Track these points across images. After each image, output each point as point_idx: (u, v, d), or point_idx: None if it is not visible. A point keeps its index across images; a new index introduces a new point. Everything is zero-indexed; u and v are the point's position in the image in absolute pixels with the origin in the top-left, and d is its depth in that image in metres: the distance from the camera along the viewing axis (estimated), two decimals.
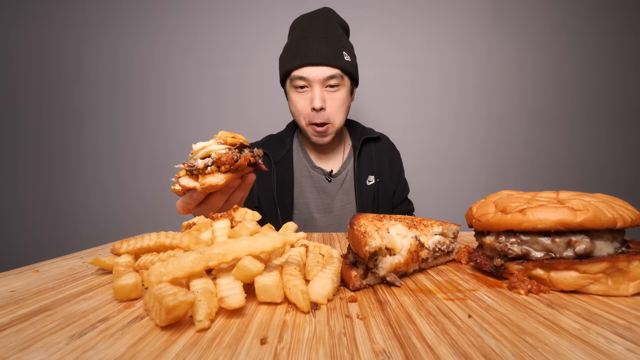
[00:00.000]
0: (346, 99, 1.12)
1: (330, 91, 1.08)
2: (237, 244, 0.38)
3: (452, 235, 0.57)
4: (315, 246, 0.55)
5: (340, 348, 0.27)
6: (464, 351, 0.26)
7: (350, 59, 1.11)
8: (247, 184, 0.71)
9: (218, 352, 0.27)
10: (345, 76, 1.10)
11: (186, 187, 0.64)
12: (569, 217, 0.40)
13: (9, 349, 0.28)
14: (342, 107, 1.11)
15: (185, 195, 0.68)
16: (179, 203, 0.69)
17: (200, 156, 0.64)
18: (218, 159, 0.62)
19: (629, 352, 0.26)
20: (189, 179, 0.64)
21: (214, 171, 0.62)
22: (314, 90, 1.07)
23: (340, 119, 1.12)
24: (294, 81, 1.08)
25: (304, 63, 1.05)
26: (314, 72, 1.05)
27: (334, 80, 1.07)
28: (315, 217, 1.19)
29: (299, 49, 1.07)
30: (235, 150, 0.64)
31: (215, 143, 0.64)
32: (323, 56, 1.05)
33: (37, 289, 0.44)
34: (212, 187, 0.62)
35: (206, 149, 0.63)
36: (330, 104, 1.09)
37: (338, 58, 1.07)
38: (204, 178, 0.62)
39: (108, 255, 0.65)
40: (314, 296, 0.37)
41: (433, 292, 0.42)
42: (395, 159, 1.30)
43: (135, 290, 0.39)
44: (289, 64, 1.08)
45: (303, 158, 1.22)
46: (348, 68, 1.09)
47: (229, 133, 0.65)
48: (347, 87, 1.12)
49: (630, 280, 0.39)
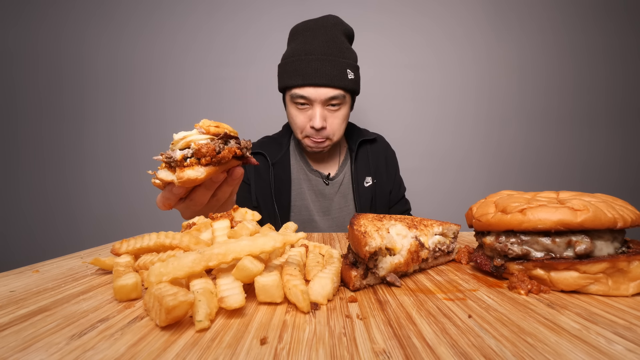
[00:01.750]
0: (347, 116, 1.11)
1: (331, 110, 1.06)
2: (237, 244, 0.38)
3: (452, 235, 0.57)
4: (315, 246, 0.55)
5: (340, 348, 0.27)
6: (464, 351, 0.26)
7: (354, 76, 1.07)
8: (233, 179, 0.65)
9: (218, 352, 0.27)
10: (348, 94, 1.08)
11: (164, 180, 0.58)
12: (569, 217, 0.40)
13: (9, 349, 0.28)
14: (342, 124, 1.10)
15: (165, 190, 0.62)
16: (159, 198, 0.64)
17: (180, 147, 0.57)
18: (198, 150, 0.55)
19: (629, 352, 0.26)
20: (167, 172, 0.58)
21: (194, 163, 0.55)
22: (314, 109, 1.04)
23: (339, 135, 1.11)
24: (295, 98, 1.05)
25: (306, 83, 1.02)
26: (316, 93, 1.02)
27: (336, 100, 1.05)
28: (315, 219, 1.19)
29: (301, 67, 1.02)
30: (218, 140, 0.57)
31: (197, 132, 0.57)
32: (326, 77, 1.01)
33: (37, 289, 0.44)
34: (191, 182, 0.55)
35: (186, 139, 0.56)
36: (330, 122, 1.07)
37: (342, 78, 1.03)
38: (181, 171, 0.55)
39: (108, 255, 0.65)
40: (314, 296, 0.37)
41: (433, 292, 0.41)
42: (391, 159, 1.30)
43: (135, 291, 0.39)
44: (290, 81, 1.04)
45: (300, 161, 1.22)
46: (351, 87, 1.06)
47: (212, 122, 0.58)
48: (348, 105, 1.10)
49: (631, 280, 0.39)
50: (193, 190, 0.63)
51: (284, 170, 1.18)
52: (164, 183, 0.60)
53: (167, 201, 0.63)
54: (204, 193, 0.64)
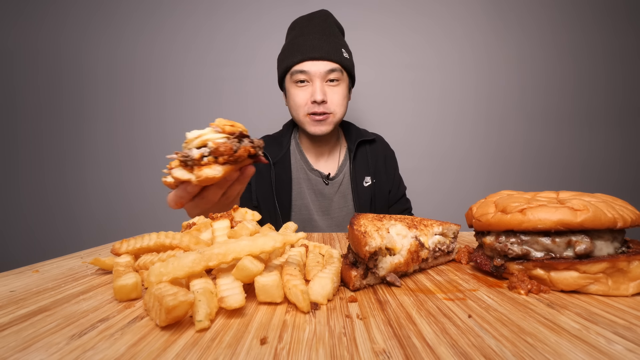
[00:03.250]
0: (346, 95, 1.14)
1: (330, 85, 1.10)
2: (237, 244, 0.38)
3: (452, 235, 0.57)
4: (315, 246, 0.55)
5: (340, 348, 0.27)
6: (464, 351, 0.26)
7: (349, 57, 1.14)
8: (245, 177, 0.66)
9: (218, 352, 0.27)
10: (345, 72, 1.12)
11: (180, 179, 0.58)
12: (569, 217, 0.40)
13: (9, 349, 0.28)
14: (343, 101, 1.13)
15: (179, 189, 0.62)
16: (171, 197, 0.63)
17: (196, 145, 0.57)
18: (216, 149, 0.55)
19: (629, 352, 0.26)
20: (182, 171, 0.58)
21: (211, 162, 0.56)
22: (314, 84, 1.08)
23: (341, 112, 1.13)
24: (295, 75, 1.09)
25: (305, 57, 1.07)
26: (315, 67, 1.07)
27: (335, 74, 1.09)
28: (315, 218, 1.20)
29: (299, 45, 1.09)
30: (234, 139, 0.58)
31: (212, 131, 0.57)
32: (324, 51, 1.07)
33: (37, 289, 0.44)
34: (209, 180, 0.56)
35: (202, 138, 0.56)
36: (331, 97, 1.10)
37: (338, 54, 1.09)
38: (199, 170, 0.55)
39: (108, 255, 0.65)
40: (314, 296, 0.37)
41: (433, 292, 0.41)
42: (390, 159, 1.30)
43: (135, 290, 0.39)
44: (290, 60, 1.10)
45: (300, 160, 1.22)
46: (347, 64, 1.12)
47: (227, 121, 0.59)
48: (346, 84, 1.14)
49: (631, 280, 0.39)
50: (205, 188, 0.63)
51: (285, 169, 1.18)
52: (177, 182, 0.60)
53: (180, 200, 0.63)
54: (216, 191, 0.64)
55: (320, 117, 1.10)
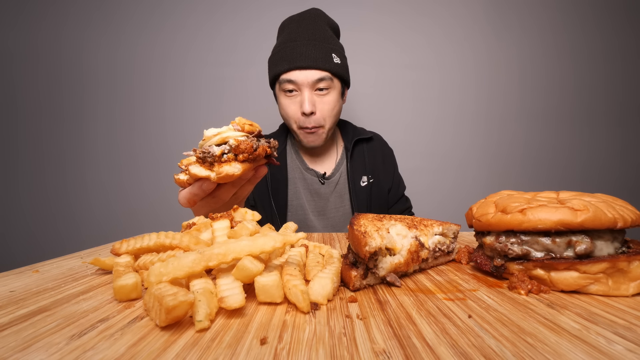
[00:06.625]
0: (337, 102, 1.10)
1: (320, 94, 1.07)
2: (237, 244, 0.38)
3: (452, 235, 0.57)
4: (315, 246, 0.55)
5: (340, 348, 0.27)
6: (464, 351, 0.26)
7: (340, 61, 1.09)
8: (257, 177, 0.65)
9: (218, 352, 0.27)
10: (335, 79, 1.08)
11: (197, 176, 0.57)
12: (569, 217, 0.40)
13: (9, 349, 0.28)
14: (333, 111, 1.10)
15: (194, 186, 0.61)
16: (183, 194, 0.62)
17: (215, 142, 0.57)
18: (237, 147, 0.56)
19: (629, 352, 0.26)
20: (200, 168, 0.57)
21: (231, 160, 0.56)
22: (303, 94, 1.05)
23: (331, 122, 1.11)
24: (283, 84, 1.07)
25: (292, 67, 1.03)
26: (302, 76, 1.03)
27: (324, 83, 1.05)
28: (311, 218, 1.19)
29: (286, 53, 1.05)
30: (254, 138, 0.58)
31: (231, 129, 0.58)
32: (311, 59, 1.03)
33: (37, 289, 0.44)
34: (228, 177, 0.56)
35: (222, 135, 0.57)
36: (320, 108, 1.07)
37: (327, 61, 1.05)
38: (220, 167, 0.55)
39: (108, 255, 0.65)
40: (314, 296, 0.37)
41: (433, 292, 0.41)
42: (388, 157, 1.29)
43: (135, 291, 0.39)
44: (277, 68, 1.06)
45: (296, 160, 1.21)
46: (337, 70, 1.07)
47: (246, 120, 0.60)
48: (337, 90, 1.10)
49: (631, 281, 0.39)
50: (218, 186, 0.63)
51: (280, 169, 1.18)
52: (194, 179, 0.60)
53: (193, 197, 0.62)
54: (229, 190, 0.64)
55: (310, 131, 1.09)
